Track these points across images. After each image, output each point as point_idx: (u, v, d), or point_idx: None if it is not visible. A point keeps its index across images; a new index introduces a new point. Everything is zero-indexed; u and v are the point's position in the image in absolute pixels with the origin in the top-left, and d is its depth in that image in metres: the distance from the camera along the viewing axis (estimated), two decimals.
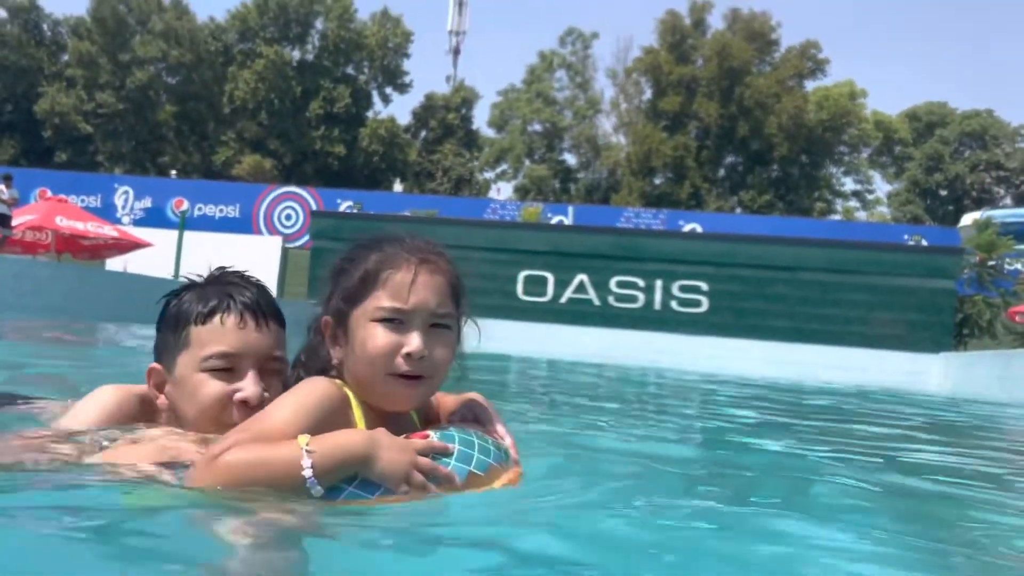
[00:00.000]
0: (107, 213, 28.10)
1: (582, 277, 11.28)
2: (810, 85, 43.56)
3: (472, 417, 1.64)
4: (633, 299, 11.29)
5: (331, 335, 1.55)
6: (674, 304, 11.32)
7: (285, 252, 22.72)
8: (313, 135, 42.50)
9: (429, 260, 1.53)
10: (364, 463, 1.36)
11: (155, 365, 1.70)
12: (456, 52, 52.38)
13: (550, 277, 11.31)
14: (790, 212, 40.00)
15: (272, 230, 29.98)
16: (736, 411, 4.91)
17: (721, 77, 40.73)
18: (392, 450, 1.38)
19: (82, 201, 29.58)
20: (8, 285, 8.93)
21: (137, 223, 27.46)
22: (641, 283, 11.32)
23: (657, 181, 42.06)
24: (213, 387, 1.62)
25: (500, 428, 1.63)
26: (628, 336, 11.01)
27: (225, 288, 1.68)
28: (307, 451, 1.31)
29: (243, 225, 30.03)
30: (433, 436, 1.46)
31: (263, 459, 1.32)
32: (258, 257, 20.00)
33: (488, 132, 48.30)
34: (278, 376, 1.66)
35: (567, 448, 2.36)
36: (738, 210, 41.18)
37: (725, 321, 11.24)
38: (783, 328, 11.24)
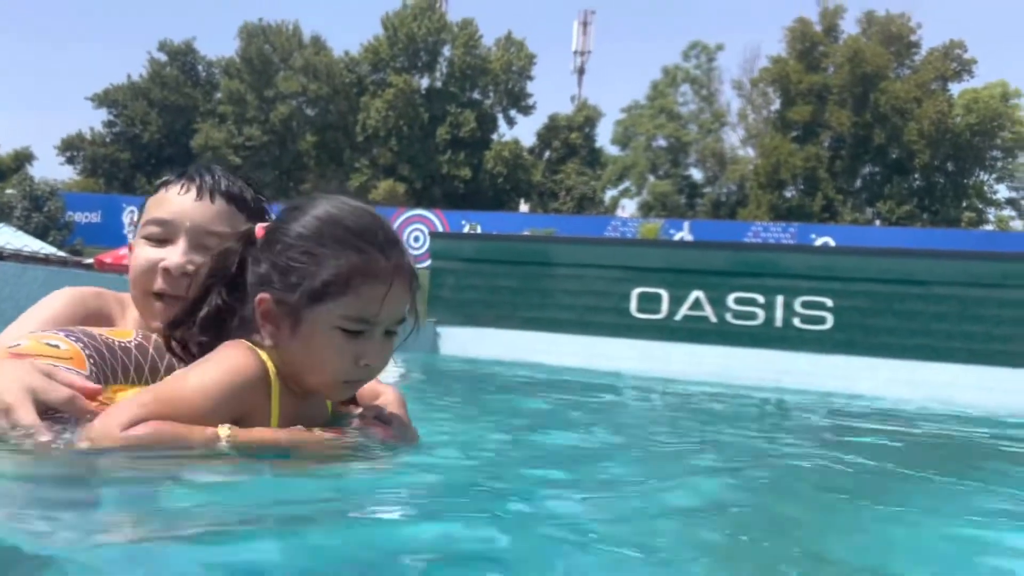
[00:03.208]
0: None
1: (698, 294, 11.08)
2: (956, 88, 40.91)
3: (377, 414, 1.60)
4: (752, 316, 10.99)
5: (268, 314, 1.39)
6: (796, 321, 10.92)
7: None
8: (440, 159, 43.90)
9: (402, 269, 1.41)
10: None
11: (132, 241, 1.65)
12: (581, 72, 52.80)
13: (665, 294, 11.19)
14: (935, 223, 37.58)
15: None
16: (857, 437, 4.73)
17: (854, 84, 38.92)
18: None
19: None
20: None
21: None
22: (761, 299, 10.99)
23: (787, 194, 40.59)
24: (143, 253, 1.57)
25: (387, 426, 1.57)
26: (747, 354, 10.71)
27: (190, 169, 1.62)
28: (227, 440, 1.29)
29: None
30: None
31: (176, 439, 1.26)
32: None
33: (612, 150, 48.32)
34: None
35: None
36: (877, 222, 39.09)
37: (852, 339, 10.74)
38: (916, 346, 10.61)
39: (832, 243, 26.01)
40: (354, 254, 1.36)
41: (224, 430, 1.29)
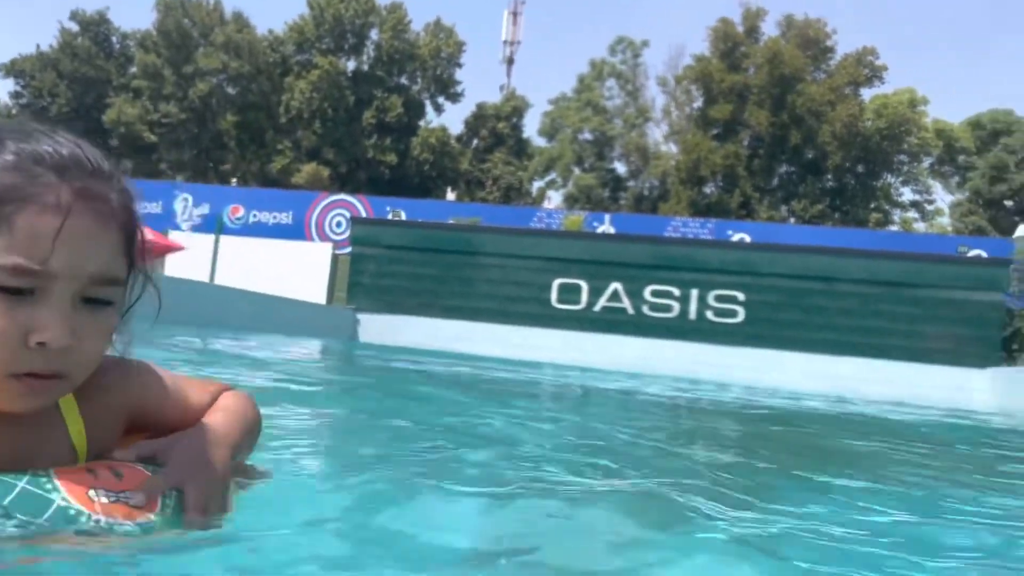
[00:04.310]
0: (167, 219, 29.09)
1: (616, 285, 11.30)
2: (868, 93, 42.67)
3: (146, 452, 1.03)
4: (668, 308, 11.27)
5: None
6: (709, 314, 11.26)
7: (335, 259, 23.21)
8: (366, 144, 43.27)
9: (91, 192, 0.92)
10: None
11: None
12: (510, 62, 52.77)
13: (584, 285, 11.36)
14: (845, 223, 39.18)
15: (323, 237, 30.62)
16: (758, 425, 4.90)
17: (772, 85, 40.16)
18: None
19: (144, 208, 30.73)
20: None
21: (195, 229, 28.37)
22: (676, 292, 11.29)
23: (707, 190, 41.64)
24: None
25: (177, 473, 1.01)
26: (663, 346, 11.00)
27: None
28: None
29: (296, 232, 30.72)
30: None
31: None
32: (309, 263, 20.53)
33: (539, 141, 48.57)
34: None
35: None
36: (791, 220, 40.49)
37: (761, 332, 11.15)
38: (822, 340, 11.09)
39: (748, 239, 26.81)
40: (5, 170, 0.88)
41: None
